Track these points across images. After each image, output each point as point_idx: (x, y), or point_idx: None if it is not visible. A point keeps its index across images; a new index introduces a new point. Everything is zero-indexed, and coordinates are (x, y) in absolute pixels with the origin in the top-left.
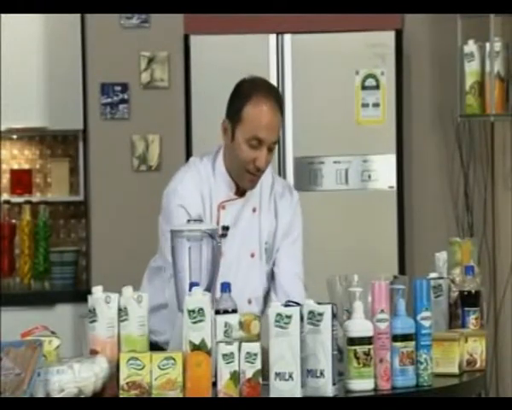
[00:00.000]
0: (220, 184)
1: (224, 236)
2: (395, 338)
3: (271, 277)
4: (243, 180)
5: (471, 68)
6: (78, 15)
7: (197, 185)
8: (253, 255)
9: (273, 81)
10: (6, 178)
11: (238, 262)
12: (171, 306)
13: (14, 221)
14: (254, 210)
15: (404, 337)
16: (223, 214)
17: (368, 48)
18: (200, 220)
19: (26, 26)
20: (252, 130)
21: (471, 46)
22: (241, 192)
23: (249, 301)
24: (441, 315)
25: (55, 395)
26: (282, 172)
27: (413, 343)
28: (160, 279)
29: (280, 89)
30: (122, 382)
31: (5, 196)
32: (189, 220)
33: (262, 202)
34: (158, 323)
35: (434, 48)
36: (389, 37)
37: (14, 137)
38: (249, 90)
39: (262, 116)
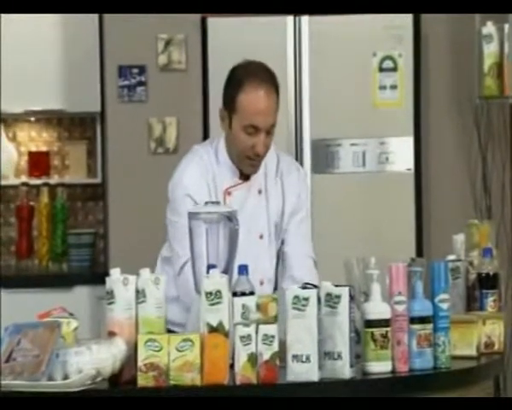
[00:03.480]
0: (224, 170)
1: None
2: (413, 321)
3: (280, 256)
4: (244, 166)
5: (489, 50)
6: None
7: (202, 174)
8: (261, 237)
9: (290, 63)
10: (24, 160)
11: (248, 245)
12: (183, 299)
13: (32, 203)
14: (260, 192)
15: (422, 320)
16: (229, 201)
17: (385, 29)
18: (217, 202)
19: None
20: (247, 118)
21: (489, 27)
22: (245, 176)
23: (261, 283)
24: (459, 298)
25: (74, 376)
26: (298, 154)
27: (431, 326)
28: (172, 270)
29: (297, 71)
30: (140, 363)
31: (23, 179)
32: (206, 202)
33: (268, 182)
34: (172, 314)
35: (453, 29)
36: (407, 18)
37: (32, 119)
38: (241, 77)
39: (256, 103)
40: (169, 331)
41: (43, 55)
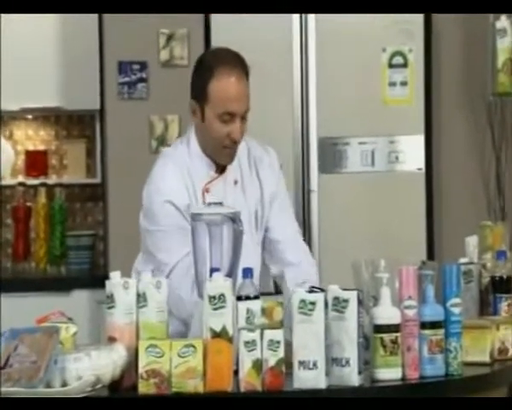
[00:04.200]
0: (199, 166)
1: None
2: (423, 326)
3: (265, 246)
4: (221, 156)
5: (503, 45)
6: None
7: (179, 176)
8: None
9: (296, 59)
10: (21, 159)
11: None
12: (172, 309)
13: (29, 204)
14: (236, 182)
15: (433, 325)
16: (208, 198)
17: (395, 24)
18: (220, 203)
19: None
20: (221, 105)
21: (503, 22)
22: (221, 169)
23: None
24: (472, 302)
25: (73, 383)
26: (305, 153)
27: (442, 331)
28: None
29: (303, 67)
30: (141, 370)
31: (20, 179)
32: (209, 203)
33: (243, 171)
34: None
35: (465, 24)
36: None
37: (29, 117)
38: (211, 65)
39: (229, 89)
40: None
41: (41, 50)
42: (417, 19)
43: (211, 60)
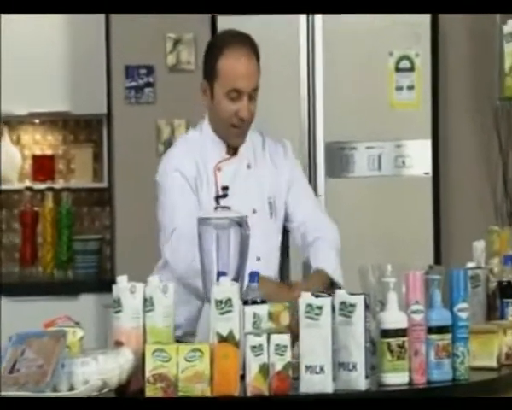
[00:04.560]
0: (211, 147)
1: (224, 196)
2: (430, 330)
3: (292, 235)
4: (231, 136)
5: (510, 49)
6: None
7: (189, 152)
8: (254, 211)
9: (303, 62)
10: (28, 164)
11: None
12: (173, 270)
13: (36, 209)
14: (249, 166)
15: (440, 330)
16: (220, 176)
17: (402, 28)
18: (227, 207)
19: None
20: (229, 82)
21: (510, 26)
22: (233, 151)
23: (258, 259)
24: (479, 307)
25: (80, 387)
26: (312, 157)
27: (449, 336)
28: (170, 273)
29: (310, 71)
30: (148, 374)
31: (27, 183)
32: (216, 208)
33: (257, 158)
34: None
35: (472, 28)
36: (424, 16)
37: (37, 121)
38: (220, 44)
39: (237, 66)
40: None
41: (48, 54)
42: (424, 23)
43: (221, 39)
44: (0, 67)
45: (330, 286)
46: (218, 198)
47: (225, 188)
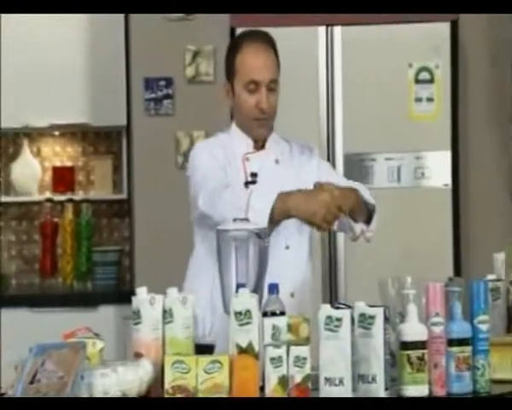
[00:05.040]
0: (237, 143)
1: (253, 182)
2: (451, 343)
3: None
4: (254, 129)
5: None
6: None
7: (217, 143)
8: None
9: (322, 74)
10: (48, 175)
11: None
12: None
13: (56, 220)
14: (277, 162)
15: (460, 342)
16: (248, 165)
17: (422, 40)
18: (246, 219)
19: (69, 21)
20: (246, 74)
21: None
22: (259, 146)
23: (287, 247)
24: (499, 319)
25: None
26: None
27: (469, 348)
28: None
29: (329, 82)
30: (167, 386)
31: (47, 195)
32: (234, 219)
33: (283, 155)
34: None
35: (492, 39)
36: (444, 28)
37: (57, 133)
38: (237, 42)
39: (253, 58)
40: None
41: (68, 67)
42: (444, 35)
43: (238, 37)
44: (1, 70)
45: (363, 206)
46: (247, 184)
47: (254, 175)
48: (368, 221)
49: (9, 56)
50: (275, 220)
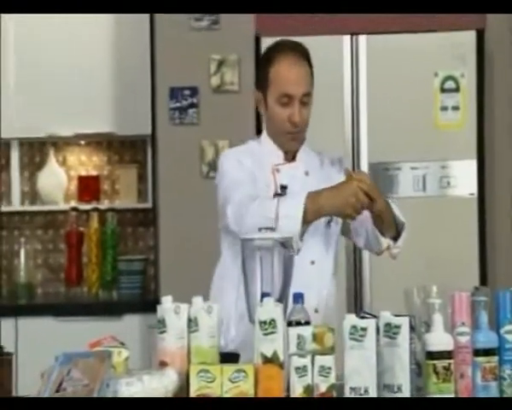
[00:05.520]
0: (268, 154)
1: (282, 195)
2: (477, 353)
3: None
4: (286, 142)
5: None
6: (146, 18)
7: (247, 152)
8: None
9: (347, 83)
10: (74, 184)
11: None
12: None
13: (81, 229)
14: (307, 173)
15: (487, 352)
16: (278, 176)
17: (447, 48)
18: (271, 228)
19: (94, 30)
20: (279, 88)
21: None
22: (290, 157)
23: (312, 262)
24: None
25: None
26: None
27: (496, 358)
28: (228, 282)
29: (354, 91)
30: (192, 394)
31: (73, 204)
32: (260, 229)
33: (314, 167)
34: None
35: None
36: (470, 37)
37: (82, 142)
38: (272, 52)
39: (287, 71)
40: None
41: (93, 76)
42: (470, 43)
43: (271, 48)
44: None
45: (392, 218)
46: (276, 196)
47: (284, 187)
48: (395, 238)
49: (36, 67)
50: (307, 222)
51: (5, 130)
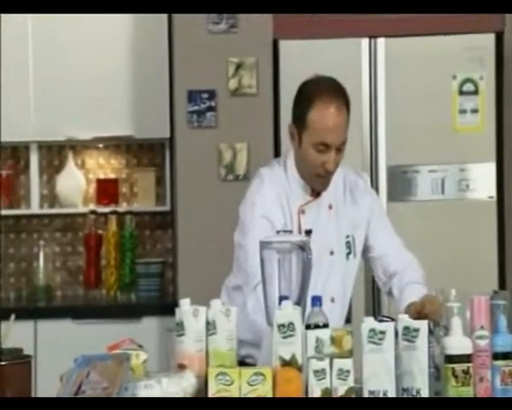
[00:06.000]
0: (295, 188)
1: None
2: (496, 356)
3: (371, 266)
4: (315, 183)
5: None
6: (165, 21)
7: (276, 194)
8: (332, 253)
9: (365, 87)
10: (92, 187)
11: (319, 262)
12: (256, 322)
13: (100, 232)
14: (330, 207)
15: (506, 355)
16: (303, 219)
17: (466, 51)
18: (289, 231)
19: (113, 33)
20: (317, 136)
21: None
22: (316, 193)
23: (332, 300)
24: None
25: None
26: (374, 181)
27: None
28: (241, 298)
29: (372, 94)
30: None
31: (91, 207)
32: (278, 231)
33: (338, 196)
34: None
35: None
36: (489, 39)
37: (101, 146)
38: (312, 94)
39: (326, 120)
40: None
41: (112, 80)
42: (488, 46)
43: (312, 88)
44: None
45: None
46: None
47: (308, 232)
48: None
49: (55, 71)
50: None
51: (24, 133)
